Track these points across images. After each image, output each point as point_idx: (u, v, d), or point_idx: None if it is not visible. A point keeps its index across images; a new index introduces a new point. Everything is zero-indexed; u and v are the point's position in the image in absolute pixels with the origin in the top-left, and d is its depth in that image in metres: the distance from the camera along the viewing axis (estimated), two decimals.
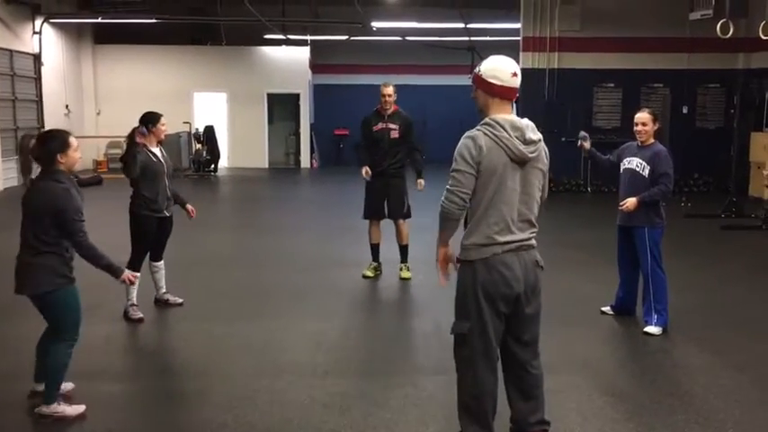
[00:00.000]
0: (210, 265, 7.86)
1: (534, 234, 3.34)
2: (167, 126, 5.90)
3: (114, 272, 3.97)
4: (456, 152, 3.25)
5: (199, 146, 18.25)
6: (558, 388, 4.19)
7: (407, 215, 7.04)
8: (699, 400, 4.20)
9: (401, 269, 7.12)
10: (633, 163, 5.53)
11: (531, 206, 3.32)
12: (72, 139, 3.93)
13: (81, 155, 4.10)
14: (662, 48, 14.46)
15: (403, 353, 5.08)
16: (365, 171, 6.94)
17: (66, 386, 4.10)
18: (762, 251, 9.03)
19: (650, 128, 5.49)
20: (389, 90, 6.85)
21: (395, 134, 6.85)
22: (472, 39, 16.80)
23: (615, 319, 5.79)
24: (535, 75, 14.51)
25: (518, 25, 14.97)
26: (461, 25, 16.01)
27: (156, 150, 5.79)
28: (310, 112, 20.71)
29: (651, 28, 14.34)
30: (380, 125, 6.87)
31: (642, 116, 5.53)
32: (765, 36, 9.38)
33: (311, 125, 20.72)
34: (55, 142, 3.87)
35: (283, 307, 6.15)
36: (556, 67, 14.61)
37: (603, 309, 5.92)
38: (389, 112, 6.86)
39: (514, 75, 3.27)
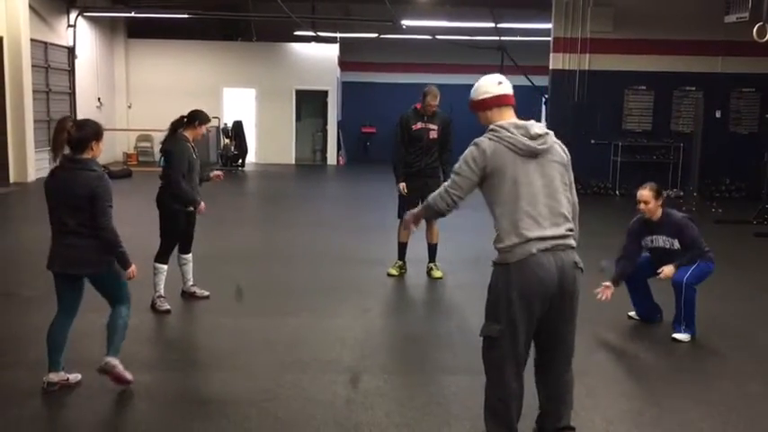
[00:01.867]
0: (237, 259, 7.92)
1: (571, 233, 3.30)
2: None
3: (125, 262, 4.11)
4: (461, 158, 3.35)
5: (227, 141, 18.40)
6: (583, 391, 4.14)
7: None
8: (726, 408, 4.14)
9: (431, 269, 7.10)
10: (659, 241, 5.43)
11: (559, 200, 3.29)
12: (102, 131, 4.13)
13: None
14: (695, 50, 14.26)
15: (427, 352, 5.07)
16: (402, 187, 6.92)
17: (76, 377, 4.19)
18: None
19: (653, 205, 5.37)
20: (436, 102, 6.77)
21: (434, 134, 6.85)
22: (502, 38, 16.69)
23: (642, 324, 5.73)
24: (565, 76, 14.39)
25: (549, 26, 14.85)
26: (491, 25, 15.91)
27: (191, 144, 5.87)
28: (338, 109, 20.76)
29: (685, 30, 14.15)
30: (420, 125, 6.86)
31: (643, 194, 5.39)
32: None
33: (338, 122, 20.78)
34: (92, 130, 4.05)
35: (309, 303, 6.17)
36: (587, 68, 14.47)
37: (630, 314, 5.86)
38: (430, 113, 6.85)
39: (499, 83, 3.41)
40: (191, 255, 6.08)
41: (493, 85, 3.40)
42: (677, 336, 5.31)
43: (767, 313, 6.23)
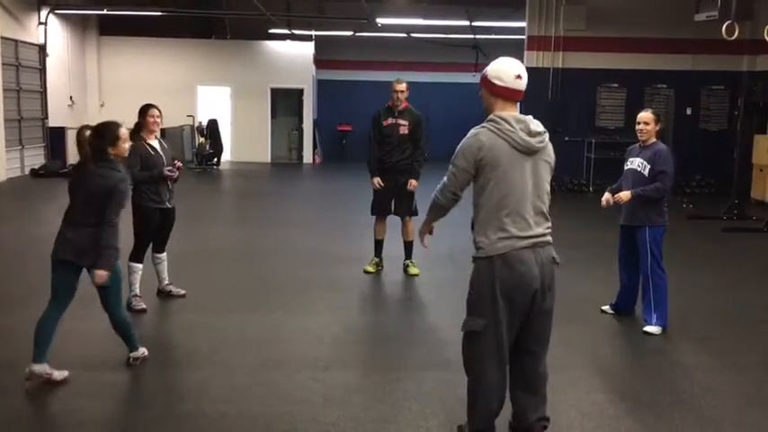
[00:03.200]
0: (213, 258, 7.89)
1: (549, 230, 3.35)
2: (161, 117, 5.81)
3: (107, 261, 4.11)
4: (458, 147, 3.31)
5: (202, 139, 18.27)
6: (558, 385, 4.20)
7: (415, 213, 7.06)
8: (697, 399, 4.23)
9: (407, 266, 7.15)
10: (635, 163, 5.54)
11: (544, 199, 3.33)
12: (123, 131, 4.26)
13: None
14: (667, 49, 14.47)
15: (404, 348, 5.09)
16: (377, 182, 6.97)
17: (62, 374, 4.19)
18: (762, 254, 9.05)
19: (651, 127, 5.49)
20: (402, 86, 6.88)
21: (404, 130, 6.88)
22: (477, 37, 16.80)
23: (615, 318, 5.82)
24: (539, 74, 14.51)
25: (523, 24, 14.99)
26: (466, 23, 16.01)
27: (155, 143, 5.80)
28: (314, 107, 20.73)
29: (656, 28, 14.36)
30: (390, 120, 6.90)
31: (644, 115, 5.54)
32: None
33: (314, 120, 20.75)
34: (109, 133, 4.17)
35: (285, 301, 6.17)
36: (560, 66, 14.62)
37: (603, 308, 5.95)
38: (400, 108, 6.89)
39: (518, 77, 3.31)
40: (165, 254, 6.05)
41: (511, 76, 3.30)
42: (648, 329, 5.40)
43: (736, 307, 6.34)
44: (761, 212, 11.28)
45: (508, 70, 3.31)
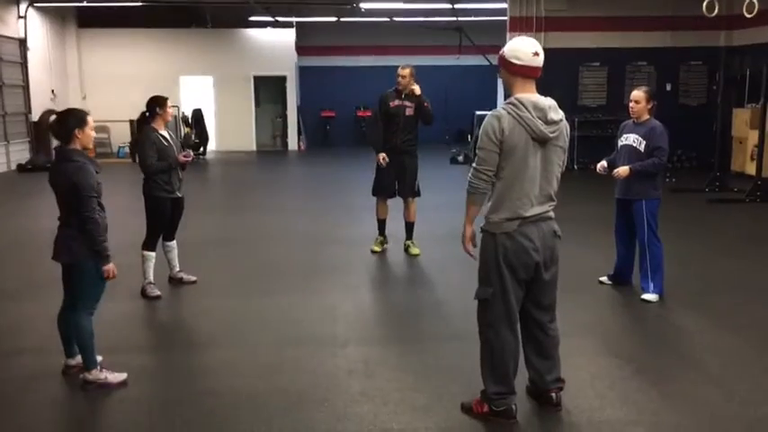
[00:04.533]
0: (216, 245, 8.03)
1: (553, 206, 3.58)
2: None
3: (104, 258, 3.98)
4: (481, 130, 3.48)
5: (187, 129, 18.27)
6: (566, 351, 4.41)
7: (417, 194, 7.29)
8: (696, 360, 4.49)
9: (408, 246, 7.36)
10: (630, 139, 5.77)
11: (552, 182, 3.54)
12: (89, 118, 4.08)
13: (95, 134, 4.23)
14: (646, 26, 14.74)
15: (416, 323, 5.31)
16: (382, 158, 7.14)
17: (120, 376, 4.19)
18: (747, 222, 9.39)
19: (643, 105, 5.72)
20: (405, 72, 7.08)
21: (410, 111, 7.10)
22: (459, 19, 16.92)
23: (613, 288, 6.07)
24: None
25: (505, 5, 15.14)
26: (449, 6, 16.13)
27: (165, 133, 5.93)
28: (297, 94, 20.78)
29: (636, 7, 14.60)
30: (397, 102, 7.11)
31: (636, 94, 5.76)
32: (749, 14, 9.63)
33: (298, 107, 20.81)
34: (73, 119, 4.02)
35: (294, 283, 6.35)
36: (542, 46, 14.76)
37: (601, 279, 6.20)
38: (406, 91, 7.08)
39: (536, 54, 3.46)
40: (175, 242, 6.19)
41: (528, 54, 3.42)
42: (646, 296, 5.66)
43: (725, 274, 6.63)
44: (741, 184, 11.62)
45: (525, 49, 3.47)
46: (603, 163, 5.90)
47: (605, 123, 14.97)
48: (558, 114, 3.50)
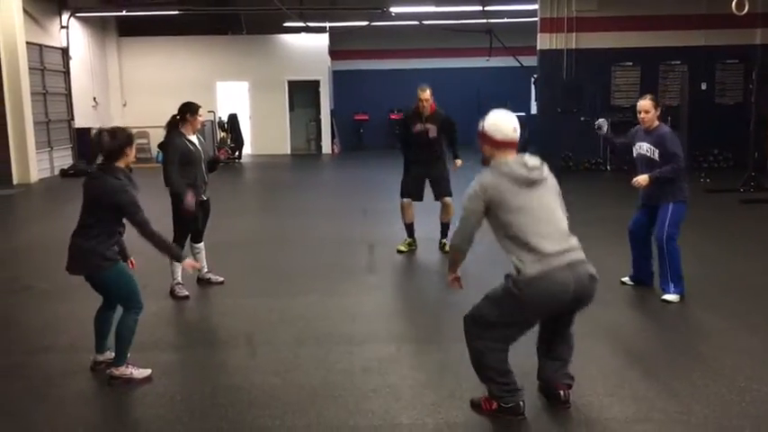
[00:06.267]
0: (246, 246, 8.23)
1: (577, 246, 3.61)
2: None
3: (179, 257, 4.52)
4: (465, 193, 3.68)
5: (223, 134, 18.65)
6: (579, 349, 4.46)
7: (449, 194, 7.40)
8: (712, 360, 4.49)
9: (444, 244, 7.39)
10: (643, 148, 5.77)
11: (560, 219, 3.63)
12: (133, 138, 4.34)
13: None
14: (679, 25, 14.56)
15: (434, 322, 5.40)
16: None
17: (144, 372, 4.38)
18: None
19: (652, 114, 5.72)
20: (426, 95, 7.19)
21: (433, 133, 7.27)
22: (490, 21, 16.93)
23: (634, 288, 6.07)
24: (553, 55, 14.68)
25: (535, 6, 15.12)
26: (479, 8, 16.16)
27: (193, 138, 6.13)
28: (330, 98, 21.02)
29: (668, 5, 14.45)
30: (419, 126, 7.26)
31: (643, 104, 5.75)
32: None
33: (331, 111, 21.04)
34: (124, 137, 4.24)
35: (318, 283, 6.49)
36: (574, 47, 14.76)
37: (623, 279, 6.20)
38: (427, 113, 7.20)
39: (515, 129, 3.67)
40: (202, 244, 6.39)
41: (509, 129, 3.66)
42: (667, 297, 5.65)
43: (751, 275, 6.56)
44: None
45: (506, 124, 3.68)
46: (603, 126, 6.02)
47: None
48: (537, 161, 3.66)
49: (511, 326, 3.60)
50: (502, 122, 3.68)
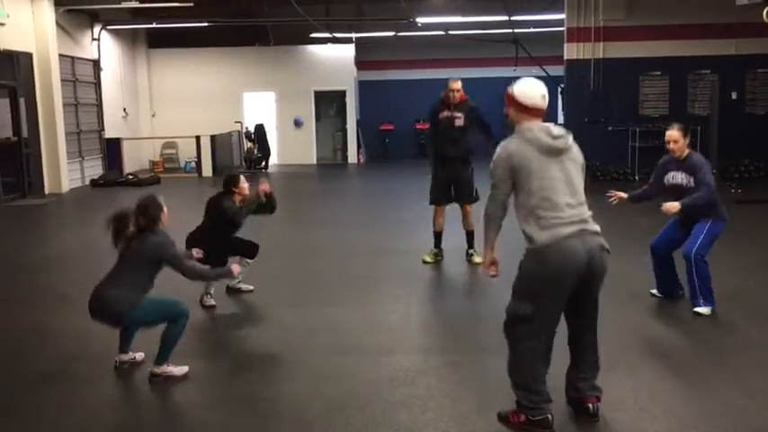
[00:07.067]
0: (274, 256, 8.25)
1: (591, 215, 3.63)
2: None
3: (226, 274, 4.89)
4: (492, 162, 3.68)
5: (250, 144, 18.82)
6: (609, 362, 4.42)
7: (475, 199, 7.36)
8: (747, 377, 4.40)
9: (471, 255, 7.42)
10: (678, 178, 5.70)
11: (578, 191, 3.63)
12: (161, 200, 4.51)
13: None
14: (708, 34, 14.40)
15: (463, 333, 5.39)
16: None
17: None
18: None
19: (681, 143, 5.65)
20: (457, 85, 7.25)
21: (459, 122, 7.25)
22: (516, 31, 16.90)
23: (664, 299, 6.00)
24: (580, 65, 14.61)
25: (562, 16, 15.07)
26: (505, 18, 16.13)
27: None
28: (356, 108, 21.12)
29: (697, 14, 14.31)
30: (446, 113, 7.28)
31: (672, 134, 5.66)
32: None
33: (357, 121, 21.13)
34: (154, 208, 4.43)
35: (346, 293, 6.52)
36: (601, 56, 14.68)
37: (653, 291, 6.13)
38: (456, 102, 7.24)
39: (544, 97, 3.68)
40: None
41: (539, 97, 3.67)
42: (698, 309, 5.57)
43: None
44: None
45: (535, 92, 3.68)
46: (623, 195, 5.94)
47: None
48: (562, 130, 3.66)
49: (542, 310, 3.57)
50: (531, 88, 3.69)
